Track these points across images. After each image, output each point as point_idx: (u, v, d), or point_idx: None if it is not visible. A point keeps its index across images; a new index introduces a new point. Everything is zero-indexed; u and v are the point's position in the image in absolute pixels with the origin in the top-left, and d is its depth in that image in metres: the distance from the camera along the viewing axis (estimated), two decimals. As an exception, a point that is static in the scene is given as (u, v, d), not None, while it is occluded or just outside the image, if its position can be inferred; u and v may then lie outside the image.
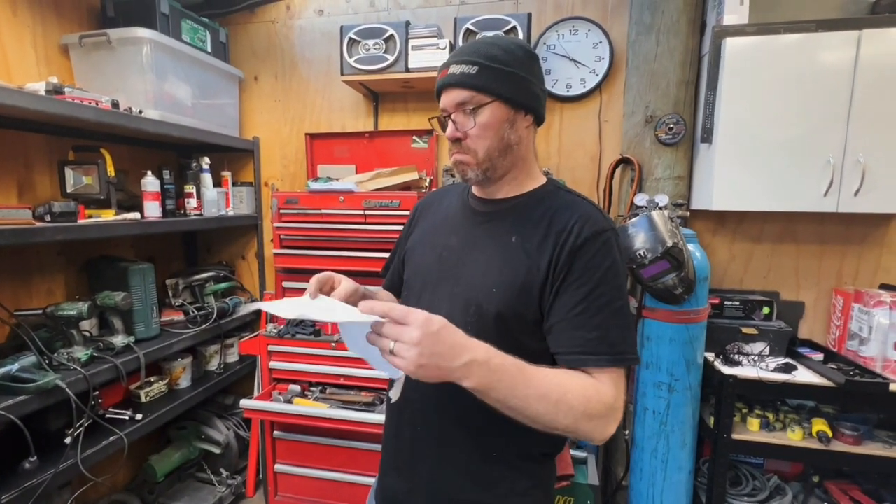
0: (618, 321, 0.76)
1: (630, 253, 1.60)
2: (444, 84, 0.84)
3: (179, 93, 1.98)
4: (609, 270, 0.78)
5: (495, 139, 0.83)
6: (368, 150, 2.27)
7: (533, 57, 0.85)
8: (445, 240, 0.92)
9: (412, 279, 0.96)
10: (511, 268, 0.81)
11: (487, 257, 0.85)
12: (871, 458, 1.61)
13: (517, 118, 0.84)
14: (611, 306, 0.76)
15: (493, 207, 0.89)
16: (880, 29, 1.54)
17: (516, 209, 0.87)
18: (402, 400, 0.86)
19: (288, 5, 2.35)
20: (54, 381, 1.35)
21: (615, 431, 0.75)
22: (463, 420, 0.84)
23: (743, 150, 1.67)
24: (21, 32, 1.71)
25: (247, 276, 2.55)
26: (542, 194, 0.88)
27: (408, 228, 1.06)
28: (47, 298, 1.78)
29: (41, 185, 1.76)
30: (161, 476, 2.05)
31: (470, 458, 0.85)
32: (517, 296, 0.80)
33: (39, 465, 1.39)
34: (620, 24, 2.01)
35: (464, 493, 0.85)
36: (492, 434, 0.84)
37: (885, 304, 1.65)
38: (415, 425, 0.89)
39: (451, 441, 0.86)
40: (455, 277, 0.87)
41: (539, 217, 0.84)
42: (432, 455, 0.88)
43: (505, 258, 0.83)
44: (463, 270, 0.86)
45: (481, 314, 0.82)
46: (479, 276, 0.84)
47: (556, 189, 0.89)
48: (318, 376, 1.96)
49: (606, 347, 0.75)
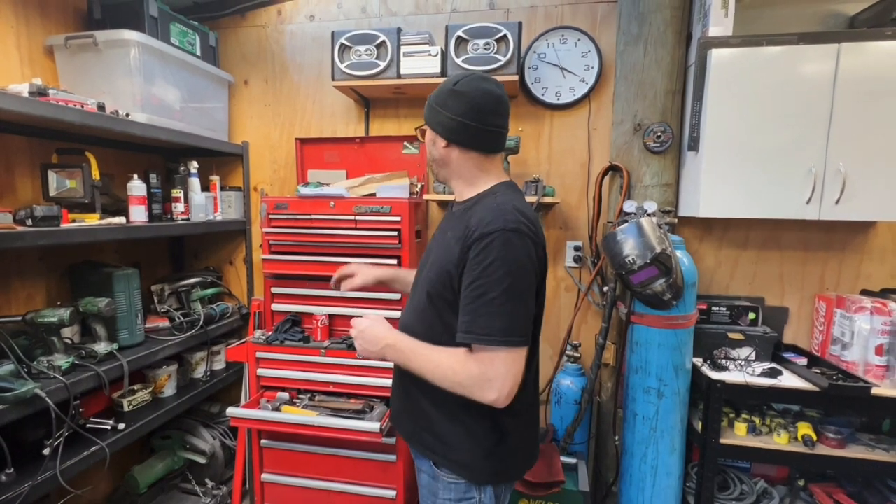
0: (488, 309, 0.94)
1: (619, 259, 1.61)
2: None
3: (168, 96, 1.95)
4: (489, 266, 0.95)
5: (430, 155, 1.15)
6: (359, 156, 2.27)
7: (452, 93, 1.05)
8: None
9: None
10: (439, 258, 1.06)
11: (436, 249, 1.12)
12: (855, 461, 1.63)
13: (436, 139, 1.10)
14: (484, 297, 0.94)
15: (454, 210, 1.16)
16: (858, 42, 1.59)
17: (466, 212, 1.07)
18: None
19: (279, 10, 2.35)
20: (33, 390, 1.31)
21: (513, 398, 0.97)
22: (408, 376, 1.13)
23: (728, 159, 1.70)
24: (4, 33, 1.68)
25: (234, 282, 2.51)
26: (477, 199, 1.09)
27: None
28: (27, 305, 1.73)
29: (23, 188, 1.72)
30: (144, 487, 2.00)
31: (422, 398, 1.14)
32: (439, 280, 1.04)
33: (16, 478, 1.35)
34: (609, 35, 2.05)
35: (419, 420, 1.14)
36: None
37: (866, 310, 1.68)
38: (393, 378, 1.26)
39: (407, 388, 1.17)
40: (422, 267, 1.18)
41: (465, 218, 1.04)
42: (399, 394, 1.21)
43: (439, 251, 1.08)
44: (426, 261, 1.15)
45: (424, 295, 1.09)
46: (429, 265, 1.11)
47: (491, 194, 1.08)
48: (306, 383, 1.93)
49: (474, 330, 0.95)
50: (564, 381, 2.01)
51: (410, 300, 1.19)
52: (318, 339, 1.95)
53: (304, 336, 1.98)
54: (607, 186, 2.07)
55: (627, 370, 1.82)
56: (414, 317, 1.13)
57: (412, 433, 1.16)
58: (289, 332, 2.00)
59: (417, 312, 1.12)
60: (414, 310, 1.14)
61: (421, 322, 1.10)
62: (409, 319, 1.16)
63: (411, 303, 1.18)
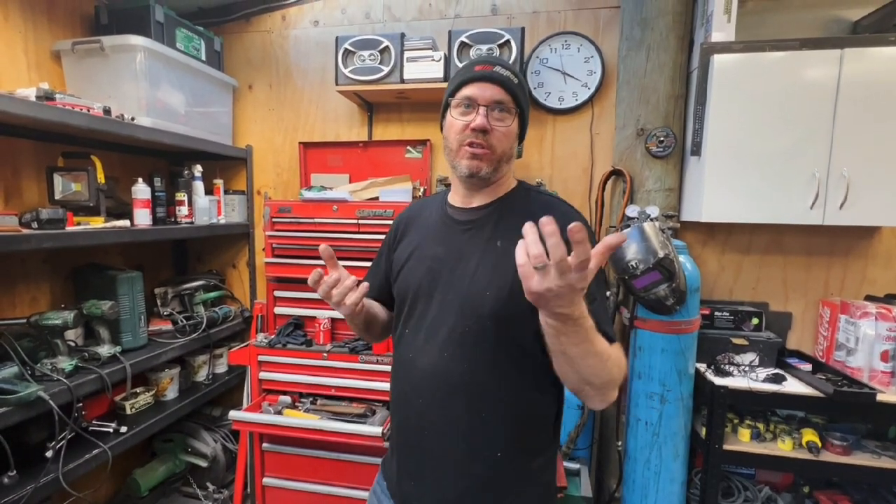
0: (603, 309, 0.86)
1: (622, 263, 1.61)
2: (489, 78, 0.88)
3: (172, 100, 1.97)
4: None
5: (508, 144, 0.91)
6: (362, 160, 2.28)
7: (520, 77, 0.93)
8: (432, 251, 0.95)
9: (404, 291, 0.98)
10: (500, 272, 0.86)
11: (475, 264, 0.89)
12: (861, 469, 1.62)
13: (515, 137, 0.93)
14: (594, 300, 0.80)
15: (471, 216, 0.95)
16: (861, 48, 1.59)
17: (492, 215, 0.93)
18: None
19: (283, 16, 2.37)
20: (36, 393, 1.32)
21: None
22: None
23: (731, 163, 1.70)
24: (12, 38, 1.70)
25: (237, 285, 2.52)
26: (514, 198, 0.95)
27: (392, 242, 1.07)
28: (31, 307, 1.74)
29: (28, 191, 1.73)
30: (145, 490, 2.00)
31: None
32: (509, 296, 0.84)
33: (19, 480, 1.35)
34: (611, 40, 2.06)
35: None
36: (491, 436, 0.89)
37: (871, 316, 1.68)
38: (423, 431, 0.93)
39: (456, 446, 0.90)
40: (446, 286, 0.91)
41: (518, 221, 0.86)
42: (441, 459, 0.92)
43: (494, 263, 0.88)
44: (453, 278, 0.90)
45: (479, 317, 0.86)
46: (470, 283, 0.88)
47: (527, 191, 0.97)
48: (308, 387, 1.93)
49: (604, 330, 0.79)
50: (567, 385, 2.00)
51: (436, 340, 0.90)
52: (321, 343, 1.95)
53: (306, 339, 1.98)
54: (610, 191, 2.07)
55: (630, 375, 1.82)
56: (462, 353, 0.88)
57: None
58: (291, 336, 2.00)
59: (468, 348, 0.87)
60: (459, 346, 0.88)
61: (481, 354, 0.87)
62: (456, 362, 0.87)
63: (445, 343, 0.89)
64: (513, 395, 0.88)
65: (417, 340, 0.93)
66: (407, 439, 0.96)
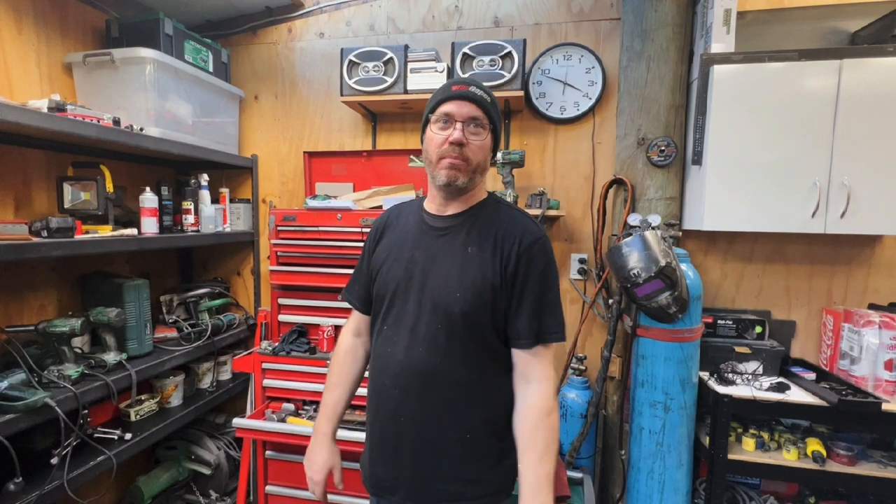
0: (553, 309, 1.01)
1: (624, 272, 1.62)
2: (465, 97, 0.99)
3: (180, 111, 2.00)
4: (545, 269, 1.00)
5: (483, 156, 1.02)
6: (366, 169, 2.30)
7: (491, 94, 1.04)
8: (410, 253, 1.05)
9: (382, 290, 1.07)
10: (470, 275, 0.99)
11: (448, 267, 1.01)
12: (867, 479, 1.60)
13: (489, 149, 1.04)
14: (544, 298, 0.99)
15: (446, 223, 1.06)
16: (860, 59, 1.61)
17: (465, 224, 1.04)
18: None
19: (289, 28, 2.41)
20: (43, 400, 1.33)
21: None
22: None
23: (732, 172, 1.71)
24: (25, 50, 1.74)
25: (242, 293, 2.53)
26: (484, 208, 1.06)
27: (372, 244, 1.16)
28: (39, 314, 1.76)
29: (38, 200, 1.76)
30: (148, 498, 2.00)
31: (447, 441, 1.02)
32: (477, 297, 0.97)
33: (24, 487, 1.36)
34: (612, 51, 2.08)
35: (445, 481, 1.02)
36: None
37: (875, 324, 1.67)
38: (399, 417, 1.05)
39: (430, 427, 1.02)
40: (421, 286, 1.02)
41: (487, 230, 1.02)
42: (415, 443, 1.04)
43: (464, 267, 1.00)
44: (427, 280, 1.01)
45: (449, 315, 0.98)
46: (443, 284, 1.00)
47: (496, 203, 1.09)
48: (312, 395, 1.94)
49: (544, 331, 0.99)
50: (570, 393, 2.00)
51: (412, 336, 1.01)
52: (325, 351, 1.96)
53: (310, 347, 1.99)
54: (612, 199, 2.08)
55: (633, 384, 1.82)
56: (436, 348, 0.99)
57: (457, 495, 1.01)
58: (295, 343, 2.01)
59: (441, 343, 0.99)
60: (432, 341, 0.99)
61: (452, 348, 0.99)
62: (431, 356, 0.99)
63: (420, 338, 1.00)
64: (481, 384, 1.01)
65: (395, 336, 1.03)
66: (383, 427, 1.06)
